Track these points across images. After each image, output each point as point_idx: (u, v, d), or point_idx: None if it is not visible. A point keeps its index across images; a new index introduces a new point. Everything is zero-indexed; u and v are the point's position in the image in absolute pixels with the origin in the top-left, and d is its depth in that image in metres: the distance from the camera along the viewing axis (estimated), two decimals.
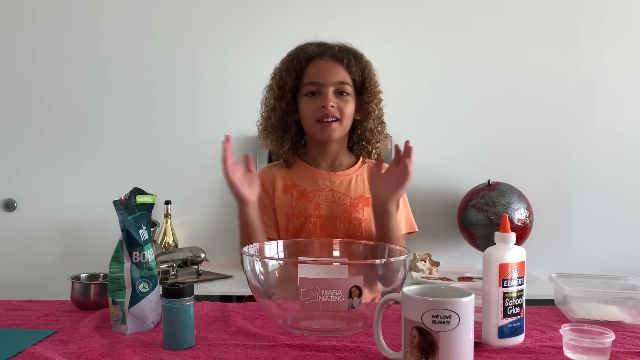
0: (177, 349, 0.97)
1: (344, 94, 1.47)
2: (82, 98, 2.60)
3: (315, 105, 1.46)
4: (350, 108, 1.48)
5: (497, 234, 1.02)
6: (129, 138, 2.60)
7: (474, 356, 0.88)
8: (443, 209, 2.61)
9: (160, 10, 2.61)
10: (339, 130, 1.49)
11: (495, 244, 1.02)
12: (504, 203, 2.40)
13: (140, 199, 1.12)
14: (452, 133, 2.65)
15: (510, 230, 1.01)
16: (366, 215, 1.50)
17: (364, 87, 1.50)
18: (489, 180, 2.48)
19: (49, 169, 2.58)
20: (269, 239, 1.47)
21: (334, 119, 1.46)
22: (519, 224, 2.40)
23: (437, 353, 0.83)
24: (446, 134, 2.65)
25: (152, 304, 1.09)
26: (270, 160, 2.55)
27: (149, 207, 1.14)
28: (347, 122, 1.49)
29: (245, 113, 2.58)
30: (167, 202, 2.51)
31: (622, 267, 2.53)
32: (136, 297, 1.07)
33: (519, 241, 2.38)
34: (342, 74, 1.47)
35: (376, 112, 1.53)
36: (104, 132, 2.60)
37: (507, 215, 1.06)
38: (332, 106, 1.44)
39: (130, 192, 1.12)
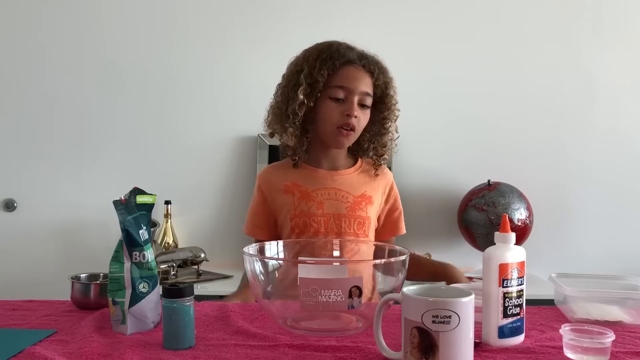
0: (177, 349, 0.97)
1: (365, 106, 1.47)
2: (82, 98, 2.59)
3: (340, 112, 1.44)
4: (365, 120, 1.49)
5: (497, 234, 1.02)
6: (129, 138, 2.60)
7: (474, 356, 0.88)
8: (443, 209, 2.61)
9: (161, 11, 2.61)
10: (352, 139, 1.50)
11: (495, 244, 1.02)
12: (504, 203, 2.40)
13: (140, 199, 1.12)
14: (452, 133, 2.65)
15: (510, 230, 1.01)
16: (369, 213, 1.51)
17: (382, 103, 1.51)
18: (489, 180, 2.48)
19: (49, 168, 2.58)
20: (257, 241, 1.50)
21: (351, 129, 1.46)
22: (519, 224, 2.40)
23: (437, 353, 0.83)
24: (446, 134, 2.65)
25: (152, 304, 1.08)
26: (270, 161, 2.56)
27: (149, 207, 1.14)
28: (359, 134, 1.50)
29: (245, 113, 2.61)
30: (167, 202, 2.51)
31: (622, 267, 2.52)
32: (136, 297, 1.07)
33: (519, 241, 2.37)
34: (368, 85, 1.47)
35: (392, 128, 1.54)
36: (104, 132, 2.60)
37: (507, 215, 1.06)
38: (355, 116, 1.44)
39: (130, 192, 1.12)
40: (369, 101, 1.48)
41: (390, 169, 1.82)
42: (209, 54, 2.61)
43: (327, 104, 1.46)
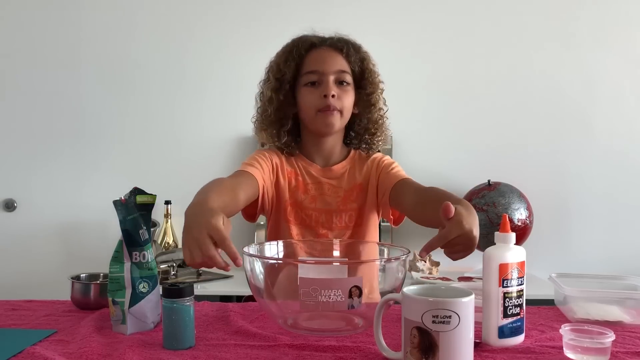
0: (177, 349, 0.97)
1: (344, 83, 1.43)
2: (82, 98, 2.60)
3: (317, 95, 1.41)
4: (350, 99, 1.45)
5: (497, 234, 1.02)
6: (129, 138, 2.60)
7: (474, 356, 0.88)
8: None
9: (160, 10, 2.61)
10: (340, 122, 1.45)
11: (495, 244, 1.02)
12: (504, 203, 2.40)
13: (140, 199, 1.12)
14: (452, 133, 2.65)
15: (510, 230, 1.01)
16: (360, 202, 1.49)
17: (364, 79, 1.47)
18: (489, 180, 2.48)
19: (49, 168, 2.58)
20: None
21: (334, 109, 1.41)
22: (519, 224, 2.40)
23: (437, 353, 0.83)
24: (446, 134, 2.65)
25: (152, 304, 1.08)
26: None
27: (149, 207, 1.14)
28: (347, 114, 1.45)
29: (245, 113, 2.59)
30: (167, 202, 2.51)
31: (622, 267, 2.53)
32: (136, 297, 1.07)
33: (519, 241, 2.38)
34: (341, 63, 1.44)
35: (379, 102, 1.50)
36: (104, 132, 2.60)
37: (507, 215, 1.06)
38: (333, 96, 1.40)
39: (130, 192, 1.12)
40: (348, 78, 1.44)
41: None
42: (209, 53, 2.61)
43: (303, 91, 1.44)
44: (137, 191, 1.13)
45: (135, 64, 2.60)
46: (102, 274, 1.32)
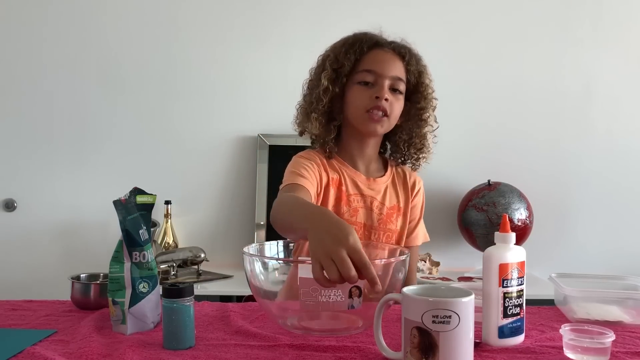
0: (177, 349, 0.97)
1: (397, 91, 1.41)
2: (82, 98, 2.59)
3: (369, 95, 1.38)
4: (399, 108, 1.42)
5: (497, 234, 1.02)
6: (129, 138, 2.60)
7: (474, 356, 0.88)
8: (443, 209, 2.61)
9: (161, 11, 2.60)
10: (385, 126, 1.41)
11: (495, 244, 1.02)
12: (504, 203, 2.40)
13: (140, 199, 1.12)
14: (452, 133, 2.63)
15: (510, 230, 1.01)
16: (399, 225, 1.48)
17: (417, 92, 1.45)
18: (489, 180, 2.48)
19: (49, 169, 2.58)
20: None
21: (383, 113, 1.38)
22: (519, 224, 2.40)
23: (437, 353, 0.83)
24: (446, 134, 2.63)
25: (152, 304, 1.08)
26: (270, 161, 2.56)
27: (149, 207, 1.14)
28: (393, 122, 1.43)
29: (245, 113, 2.61)
30: (167, 202, 2.51)
31: (622, 267, 2.53)
32: (136, 297, 1.07)
33: (519, 241, 2.38)
34: (400, 70, 1.41)
35: (430, 119, 1.48)
36: (104, 132, 2.60)
37: (507, 215, 1.06)
38: (386, 99, 1.37)
39: (130, 192, 1.12)
40: (401, 86, 1.41)
41: None
42: (209, 54, 2.61)
43: (355, 88, 1.40)
44: (137, 191, 1.13)
45: (135, 64, 2.60)
46: (102, 274, 1.32)
